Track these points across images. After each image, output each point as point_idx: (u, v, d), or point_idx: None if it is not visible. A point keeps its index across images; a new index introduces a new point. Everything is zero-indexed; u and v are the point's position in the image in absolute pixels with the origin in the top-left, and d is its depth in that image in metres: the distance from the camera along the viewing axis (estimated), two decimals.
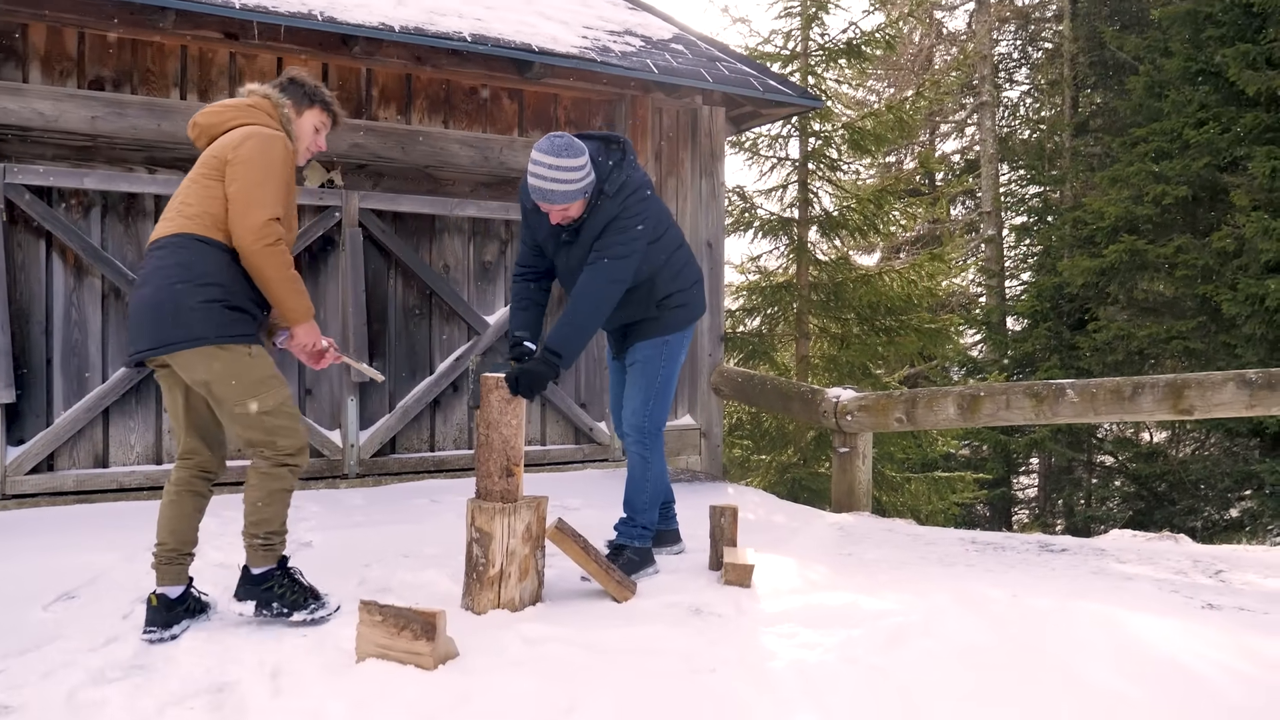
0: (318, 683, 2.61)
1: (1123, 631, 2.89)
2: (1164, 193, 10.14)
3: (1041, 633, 2.89)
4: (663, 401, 3.69)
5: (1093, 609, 3.06)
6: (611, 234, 3.37)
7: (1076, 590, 3.36)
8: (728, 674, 2.62)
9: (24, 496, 4.61)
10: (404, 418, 5.42)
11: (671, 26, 6.33)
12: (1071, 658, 2.73)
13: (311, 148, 3.30)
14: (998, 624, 2.95)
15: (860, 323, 8.21)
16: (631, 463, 3.73)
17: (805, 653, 2.77)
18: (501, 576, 3.16)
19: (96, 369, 4.82)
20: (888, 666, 2.67)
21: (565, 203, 3.33)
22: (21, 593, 3.41)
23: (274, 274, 2.98)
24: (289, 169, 3.05)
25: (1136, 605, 3.15)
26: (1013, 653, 2.74)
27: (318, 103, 3.25)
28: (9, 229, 4.60)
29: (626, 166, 3.45)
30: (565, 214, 3.39)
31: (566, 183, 3.27)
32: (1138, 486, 11.69)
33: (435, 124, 5.55)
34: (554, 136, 3.31)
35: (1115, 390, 4.40)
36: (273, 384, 3.04)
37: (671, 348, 3.67)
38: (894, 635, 2.86)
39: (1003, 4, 14.80)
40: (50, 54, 4.70)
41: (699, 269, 3.83)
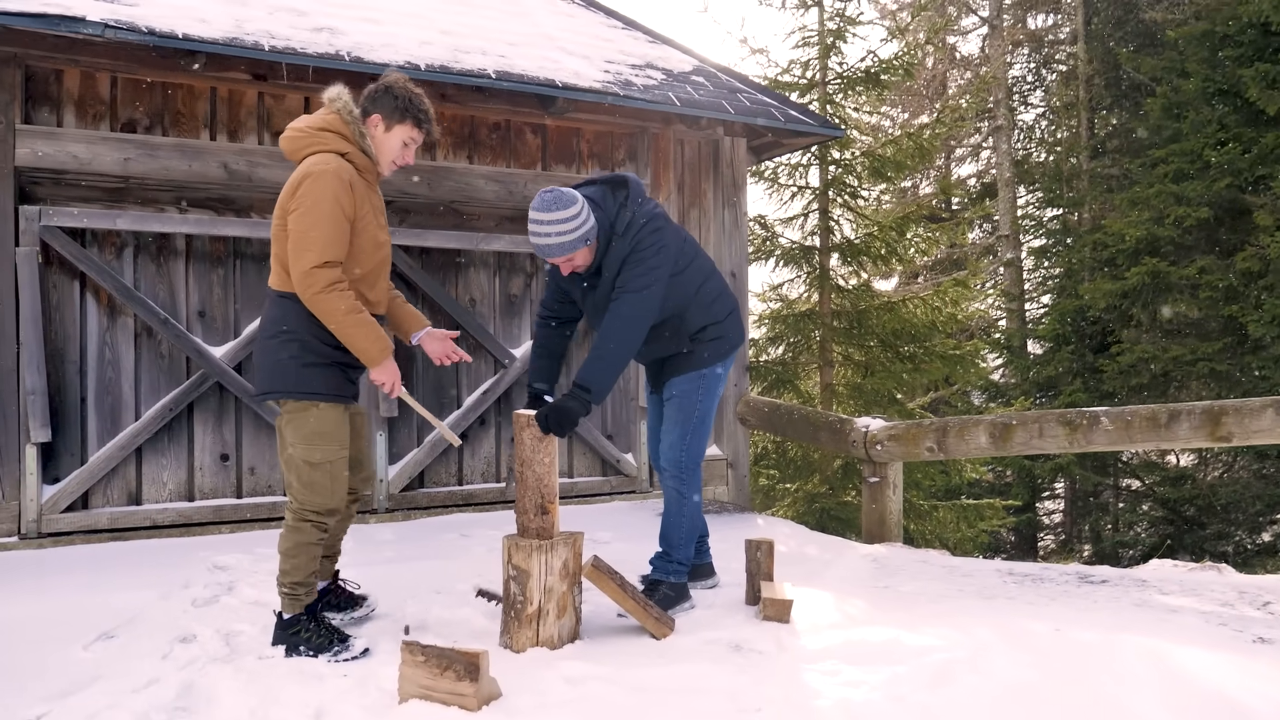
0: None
1: (1171, 666, 2.86)
2: (1185, 214, 10.09)
3: (1088, 667, 2.85)
4: (700, 437, 3.67)
5: (1139, 642, 3.03)
6: (629, 268, 3.37)
7: (1121, 623, 3.31)
8: (775, 714, 2.60)
9: (59, 535, 4.63)
10: (432, 452, 5.43)
11: (692, 59, 6.38)
12: (1120, 693, 2.69)
13: (398, 161, 3.21)
14: (1043, 659, 2.92)
15: (884, 349, 8.18)
16: (668, 498, 3.72)
17: (851, 691, 2.75)
18: (540, 614, 3.14)
19: (129, 407, 4.86)
20: (935, 705, 2.64)
21: (566, 254, 3.34)
22: (62, 633, 3.42)
23: (331, 320, 3.03)
24: (341, 201, 2.99)
25: (1184, 639, 3.10)
26: (1060, 689, 2.71)
27: (410, 117, 3.15)
28: (45, 270, 4.66)
29: (632, 204, 3.45)
30: (572, 263, 3.40)
31: (561, 234, 3.28)
32: (1166, 511, 11.55)
33: (460, 160, 5.60)
34: (544, 193, 3.32)
35: (1151, 417, 4.36)
36: (326, 441, 3.11)
37: (709, 382, 3.66)
38: (939, 673, 2.83)
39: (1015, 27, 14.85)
40: (84, 98, 4.78)
41: (733, 298, 3.81)
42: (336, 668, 3.05)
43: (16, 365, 4.55)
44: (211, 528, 4.93)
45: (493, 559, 4.45)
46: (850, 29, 8.22)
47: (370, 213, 3.13)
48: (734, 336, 3.75)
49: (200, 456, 5.00)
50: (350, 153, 3.10)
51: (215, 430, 5.04)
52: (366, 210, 3.11)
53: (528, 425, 3.19)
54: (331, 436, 3.12)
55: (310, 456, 3.10)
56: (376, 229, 3.16)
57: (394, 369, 3.20)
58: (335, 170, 3.01)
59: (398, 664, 2.81)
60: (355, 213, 3.06)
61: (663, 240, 3.42)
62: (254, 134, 5.10)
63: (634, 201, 3.46)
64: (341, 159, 3.06)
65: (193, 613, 3.69)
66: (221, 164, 4.91)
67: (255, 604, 3.80)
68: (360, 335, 3.05)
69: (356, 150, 3.12)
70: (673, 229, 3.55)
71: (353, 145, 3.11)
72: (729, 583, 4.06)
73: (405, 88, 3.17)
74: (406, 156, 3.23)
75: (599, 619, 3.48)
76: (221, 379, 4.95)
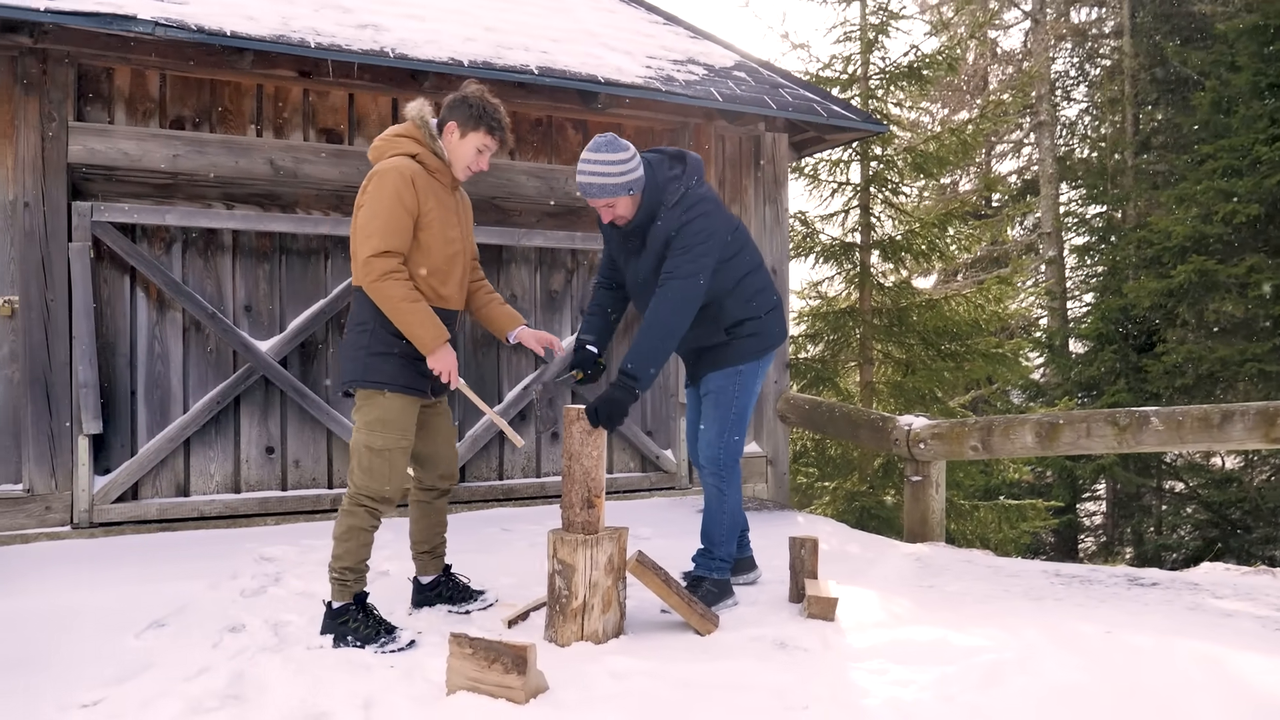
0: (410, 715, 2.62)
1: (1228, 671, 2.79)
2: (1234, 211, 9.88)
3: (1142, 671, 2.80)
4: (738, 433, 3.65)
5: (1194, 647, 2.96)
6: (675, 255, 3.37)
7: (1174, 627, 3.25)
8: (822, 712, 2.58)
9: (110, 525, 4.72)
10: (473, 446, 5.46)
11: (733, 54, 6.35)
12: (1177, 698, 2.64)
13: (473, 167, 3.33)
14: (1095, 662, 2.87)
15: (925, 347, 8.09)
16: (708, 495, 3.70)
17: (899, 690, 2.72)
18: (585, 609, 3.15)
19: (178, 400, 4.94)
20: (986, 706, 2.60)
21: (607, 197, 3.37)
22: (114, 621, 3.49)
23: (387, 306, 3.15)
24: (402, 196, 3.11)
25: (1240, 644, 3.03)
26: (1115, 693, 2.66)
27: (483, 125, 3.26)
28: (96, 265, 4.75)
29: (686, 180, 3.45)
30: (613, 211, 3.43)
31: (605, 176, 3.33)
32: (1211, 514, 11.32)
33: (501, 155, 5.62)
34: (599, 136, 3.41)
35: (1203, 418, 4.27)
36: (387, 429, 3.23)
37: (745, 378, 3.63)
38: (989, 673, 2.79)
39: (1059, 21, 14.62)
40: (134, 95, 4.86)
41: (777, 296, 3.78)
42: (384, 659, 3.08)
43: (69, 358, 4.64)
44: (257, 519, 5.00)
45: (534, 554, 4.47)
46: (892, 23, 8.14)
47: (438, 210, 3.23)
48: (773, 335, 3.71)
49: (246, 449, 5.07)
50: (420, 154, 3.24)
51: (261, 423, 5.10)
52: (433, 207, 3.21)
53: (577, 419, 3.19)
54: (394, 425, 3.22)
55: (372, 442, 3.21)
56: (445, 227, 3.26)
57: (450, 357, 3.25)
58: (398, 167, 3.15)
59: (444, 656, 2.84)
60: (419, 209, 3.17)
61: (711, 227, 3.41)
62: (299, 130, 5.16)
63: (688, 178, 3.46)
64: (410, 159, 3.21)
65: (241, 603, 3.74)
66: (267, 160, 4.97)
67: (302, 595, 3.85)
68: (415, 322, 3.14)
69: (427, 152, 3.25)
70: (723, 216, 3.52)
71: (423, 147, 3.25)
72: (770, 580, 4.04)
73: (480, 97, 3.28)
74: (481, 162, 3.34)
75: (642, 614, 3.48)
76: (267, 373, 5.01)
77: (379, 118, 5.32)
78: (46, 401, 4.61)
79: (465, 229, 3.42)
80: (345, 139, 5.25)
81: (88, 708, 2.78)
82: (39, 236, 4.59)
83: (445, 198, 3.30)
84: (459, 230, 3.34)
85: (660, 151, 3.57)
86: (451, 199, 3.34)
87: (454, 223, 3.31)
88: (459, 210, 3.38)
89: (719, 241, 3.44)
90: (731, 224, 3.58)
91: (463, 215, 3.42)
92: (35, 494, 4.60)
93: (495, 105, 3.30)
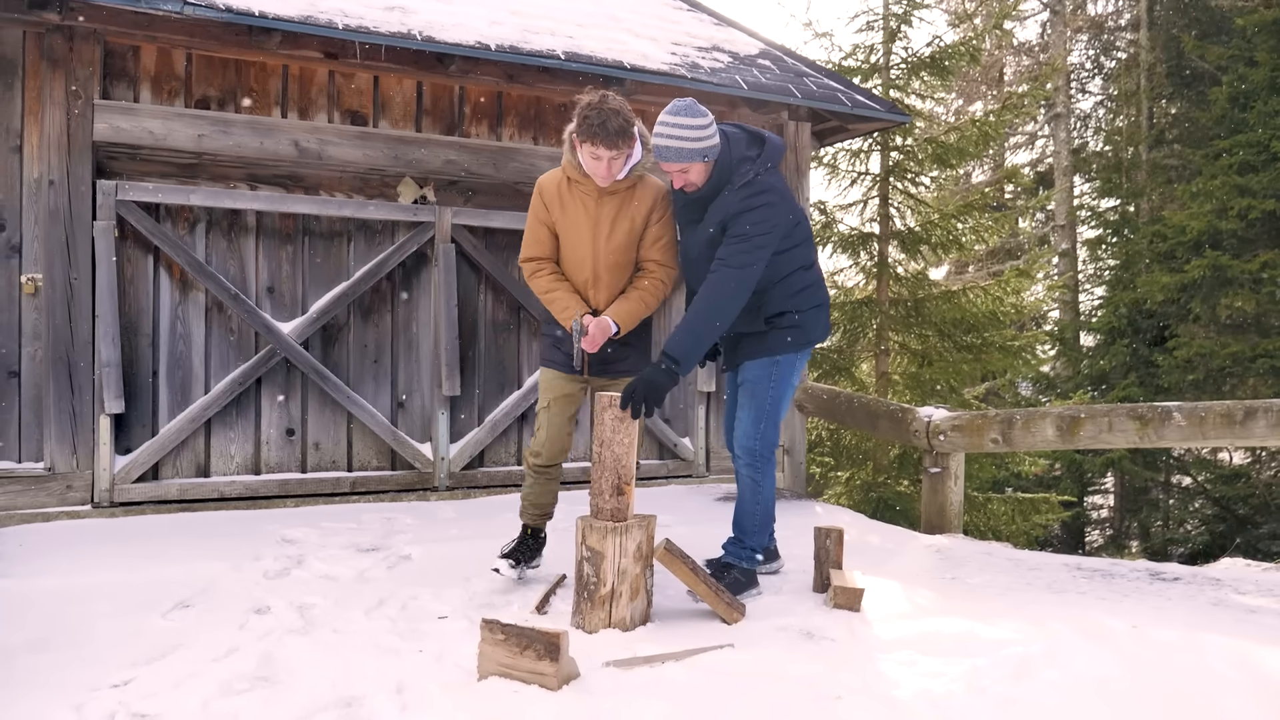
0: (443, 699, 2.62)
1: (1259, 667, 2.80)
2: (1249, 206, 9.85)
3: (1172, 666, 2.80)
4: (773, 424, 3.65)
5: (1223, 643, 2.97)
6: (733, 240, 3.35)
7: (1199, 623, 3.25)
8: (856, 702, 2.58)
9: (131, 504, 4.73)
10: (492, 431, 5.46)
11: (758, 42, 6.32)
12: (1209, 693, 2.64)
13: (600, 173, 3.40)
14: (1124, 656, 2.87)
15: (941, 339, 8.07)
16: (741, 485, 3.70)
17: (930, 682, 2.72)
18: (613, 596, 3.15)
19: (200, 380, 4.94)
20: (1018, 698, 2.61)
21: (682, 161, 3.36)
22: (140, 600, 3.49)
23: (538, 297, 3.66)
24: (535, 209, 3.57)
25: (1268, 640, 3.04)
26: (1147, 687, 2.66)
27: (584, 134, 3.33)
28: (120, 244, 4.74)
29: (759, 164, 3.42)
30: (686, 177, 3.42)
31: (681, 140, 3.32)
32: (1218, 509, 11.33)
33: (525, 141, 5.61)
34: (678, 100, 3.41)
35: (1226, 414, 4.26)
36: (543, 394, 3.75)
37: (782, 369, 3.63)
38: (1019, 666, 2.80)
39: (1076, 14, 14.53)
40: (160, 74, 4.85)
41: (824, 295, 3.74)
42: (412, 643, 3.09)
43: (92, 337, 4.64)
44: (277, 501, 5.01)
45: (554, 539, 4.47)
46: (915, 13, 8.09)
47: (567, 217, 3.52)
48: (813, 330, 3.69)
49: (267, 431, 5.08)
50: (566, 164, 3.51)
51: (282, 405, 5.11)
52: (560, 215, 3.54)
53: (609, 406, 3.19)
54: (543, 390, 3.74)
55: (538, 406, 3.78)
56: (575, 231, 3.52)
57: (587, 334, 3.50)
58: (539, 183, 3.60)
59: (474, 641, 2.85)
60: (550, 217, 3.56)
61: (774, 218, 3.39)
62: (324, 112, 5.15)
63: (762, 163, 3.44)
64: (559, 170, 3.55)
65: (265, 584, 3.76)
66: (292, 141, 4.95)
67: (325, 577, 3.86)
68: (553, 310, 3.60)
69: (570, 164, 3.49)
70: (786, 207, 3.49)
71: (569, 158, 3.50)
72: (794, 569, 4.04)
73: (585, 106, 3.34)
74: (598, 169, 3.39)
75: (668, 602, 3.49)
76: (289, 355, 5.02)
77: (403, 100, 5.31)
78: (69, 380, 4.62)
79: (613, 232, 3.51)
80: (370, 121, 5.23)
81: (118, 688, 2.78)
82: (63, 215, 4.59)
83: (586, 204, 3.49)
84: (590, 234, 3.51)
85: (741, 128, 3.56)
86: (596, 205, 3.49)
87: (585, 228, 3.51)
88: (601, 215, 3.50)
89: (777, 235, 3.42)
90: (794, 218, 3.55)
91: (616, 219, 3.50)
92: (56, 473, 4.61)
93: (596, 113, 3.30)
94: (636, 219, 3.53)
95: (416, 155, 5.21)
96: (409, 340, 5.40)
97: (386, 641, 3.11)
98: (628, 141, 3.33)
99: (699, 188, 3.46)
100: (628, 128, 3.32)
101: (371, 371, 5.32)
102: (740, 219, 3.36)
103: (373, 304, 5.31)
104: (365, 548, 4.29)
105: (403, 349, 5.39)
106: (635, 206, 3.52)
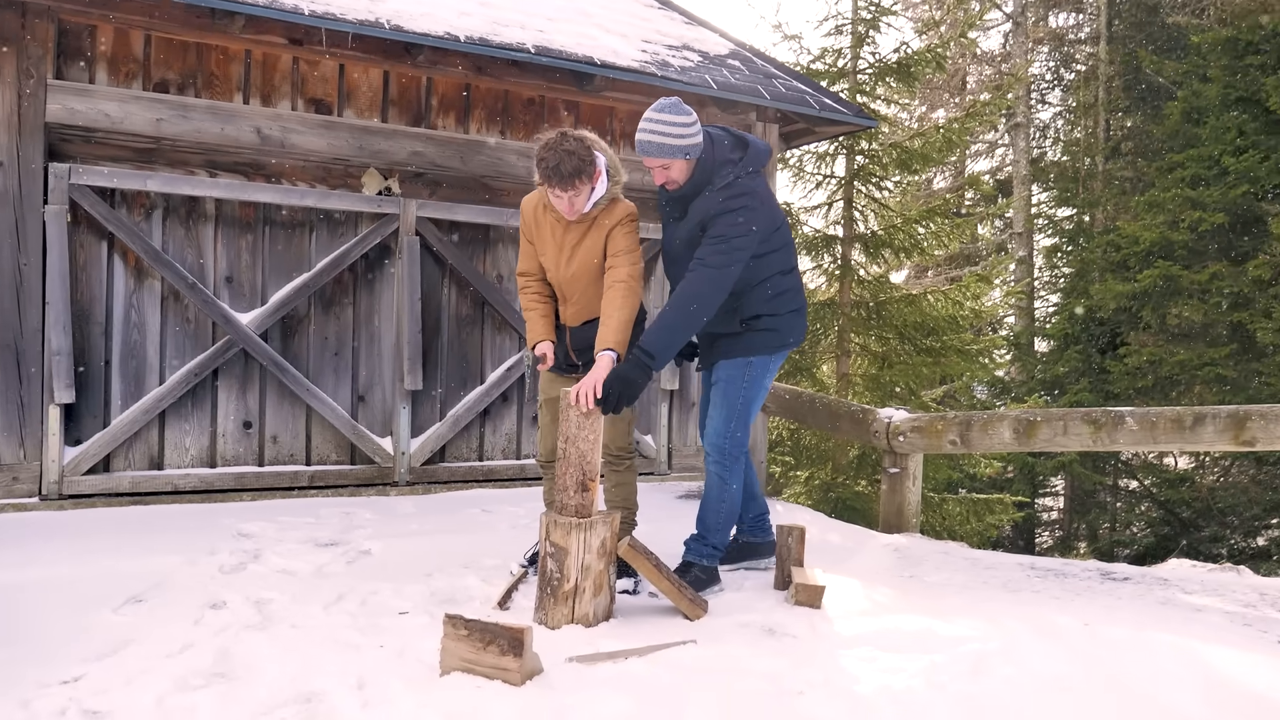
0: (406, 695, 2.59)
1: (1205, 664, 2.87)
2: (1200, 219, 10.10)
3: (1123, 663, 2.86)
4: (743, 424, 3.66)
5: (1171, 640, 3.04)
6: (711, 240, 3.37)
7: (1148, 621, 3.32)
8: (818, 697, 2.60)
9: (80, 497, 4.62)
10: (454, 426, 5.42)
11: (728, 42, 6.34)
12: (1159, 689, 2.70)
13: (563, 209, 3.42)
14: (1077, 654, 2.93)
15: (902, 341, 8.17)
16: (709, 481, 3.71)
17: (890, 678, 2.75)
18: (576, 592, 3.14)
19: (154, 371, 4.84)
20: (976, 694, 2.65)
21: (664, 157, 3.38)
22: (90, 595, 3.41)
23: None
24: (522, 227, 3.68)
25: (1214, 638, 3.11)
26: (1100, 683, 2.72)
27: (542, 176, 3.35)
28: (73, 230, 4.62)
29: (742, 166, 3.45)
30: (667, 173, 3.45)
31: (665, 136, 3.35)
32: (1163, 512, 11.60)
33: (492, 134, 5.57)
34: (664, 98, 3.44)
35: (1176, 419, 4.36)
36: (541, 393, 3.83)
37: (755, 370, 3.64)
38: (977, 663, 2.84)
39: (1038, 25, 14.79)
40: (117, 56, 4.73)
41: (803, 299, 3.77)
42: (373, 638, 3.05)
43: (42, 325, 4.52)
44: (233, 495, 4.92)
45: (515, 535, 4.46)
46: (883, 18, 8.17)
47: (543, 240, 3.60)
48: (789, 334, 3.72)
49: (223, 423, 4.99)
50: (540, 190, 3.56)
51: (239, 398, 5.02)
52: (536, 237, 3.63)
53: (575, 403, 3.17)
54: (542, 390, 3.81)
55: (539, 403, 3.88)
56: (548, 254, 3.60)
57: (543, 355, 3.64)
58: (522, 202, 3.69)
59: (434, 636, 2.82)
60: (530, 235, 3.65)
61: (752, 221, 3.40)
62: (287, 99, 5.06)
63: (743, 166, 3.45)
64: (539, 191, 3.57)
65: (221, 579, 3.69)
66: (254, 128, 4.87)
67: (283, 572, 3.80)
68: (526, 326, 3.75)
69: (541, 190, 3.55)
70: (766, 212, 3.51)
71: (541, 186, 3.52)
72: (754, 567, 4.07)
73: (542, 147, 3.36)
74: (560, 205, 3.42)
75: (629, 599, 3.49)
76: (247, 346, 4.93)
77: (369, 89, 5.24)
78: (16, 369, 4.49)
79: (574, 257, 3.54)
80: (334, 110, 5.16)
81: (69, 684, 2.71)
82: (13, 197, 4.46)
83: (555, 230, 3.55)
84: (554, 258, 3.57)
85: (727, 130, 3.58)
86: (563, 232, 3.53)
87: (552, 251, 3.57)
88: (565, 241, 3.54)
89: (755, 238, 3.43)
90: (775, 222, 3.58)
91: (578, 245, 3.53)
92: (2, 464, 4.48)
93: (551, 154, 3.32)
94: (598, 244, 3.51)
95: (382, 146, 5.15)
96: (371, 333, 5.34)
97: (346, 637, 3.07)
98: (585, 180, 3.34)
99: (680, 185, 3.48)
100: (584, 167, 3.31)
101: (332, 364, 5.25)
102: (719, 220, 3.37)
103: (334, 296, 5.24)
104: (324, 542, 4.23)
105: (364, 342, 5.33)
106: (596, 234, 3.51)
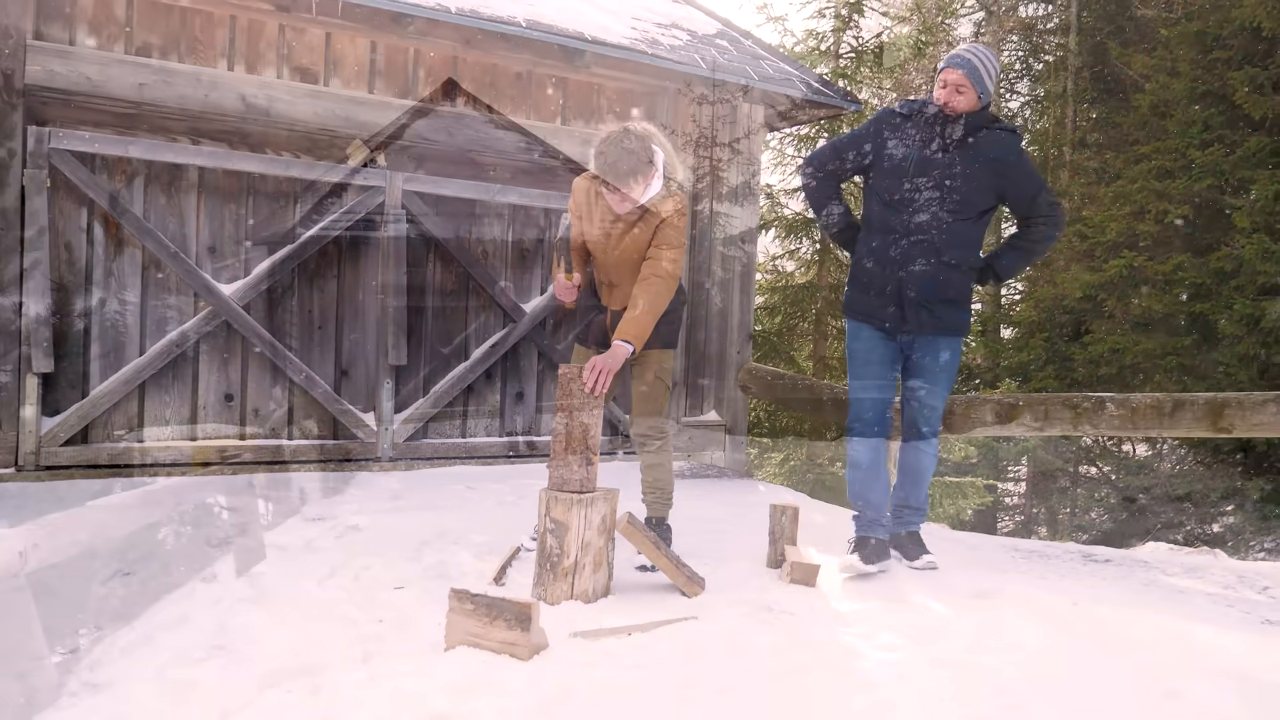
0: (411, 668, 2.59)
1: (1192, 642, 2.95)
2: (1165, 210, 10.29)
3: (1115, 640, 2.94)
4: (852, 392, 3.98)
5: (1157, 620, 3.12)
6: (1044, 192, 3.68)
7: (1133, 600, 3.42)
8: (822, 674, 2.63)
9: (58, 468, 4.52)
10: (438, 403, 5.38)
11: (715, 22, 6.33)
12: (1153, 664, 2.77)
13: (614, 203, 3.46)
14: (1069, 631, 3.00)
15: None
16: (926, 463, 3.96)
17: (890, 654, 2.80)
18: (576, 568, 3.15)
19: (134, 342, 4.74)
20: (976, 669, 2.70)
21: (970, 81, 3.49)
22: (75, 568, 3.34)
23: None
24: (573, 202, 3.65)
25: (1197, 617, 3.21)
26: (1095, 659, 2.78)
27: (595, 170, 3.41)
28: (52, 195, 4.50)
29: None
30: (959, 96, 3.53)
31: (981, 63, 3.53)
32: (1122, 499, 11.88)
33: (480, 108, 5.51)
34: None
35: (1155, 406, 4.47)
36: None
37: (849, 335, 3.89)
38: (972, 640, 2.89)
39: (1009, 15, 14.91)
40: (99, 17, 4.60)
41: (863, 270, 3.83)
42: (370, 612, 3.04)
43: (20, 292, 4.40)
44: (214, 468, 4.85)
45: (503, 512, 4.45)
46: (866, 3, 8.20)
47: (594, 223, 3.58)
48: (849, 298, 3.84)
49: (204, 395, 4.90)
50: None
51: (221, 370, 4.94)
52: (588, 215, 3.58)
53: (576, 377, 3.17)
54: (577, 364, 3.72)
55: None
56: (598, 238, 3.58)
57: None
58: (575, 181, 3.67)
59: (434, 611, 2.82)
60: (580, 212, 3.61)
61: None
62: (273, 67, 4.96)
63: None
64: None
65: (209, 553, 3.65)
66: (239, 96, 4.77)
67: (272, 546, 3.76)
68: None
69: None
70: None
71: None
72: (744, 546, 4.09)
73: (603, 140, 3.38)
74: (612, 200, 3.46)
75: (625, 575, 3.50)
76: (230, 318, 4.85)
77: (356, 59, 5.15)
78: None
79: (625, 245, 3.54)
80: (321, 79, 5.07)
81: (65, 657, 2.68)
82: None
83: (605, 217, 3.55)
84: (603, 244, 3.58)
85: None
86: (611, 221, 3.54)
87: (600, 237, 3.58)
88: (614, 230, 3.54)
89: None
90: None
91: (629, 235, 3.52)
92: None
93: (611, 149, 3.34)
94: (645, 236, 3.52)
95: (368, 117, 5.07)
96: (355, 307, 5.27)
97: (344, 611, 3.05)
98: (639, 179, 3.35)
99: (958, 113, 3.53)
100: (640, 168, 3.32)
101: (316, 338, 5.18)
102: (1030, 173, 3.66)
103: (319, 268, 5.16)
104: (311, 517, 4.20)
105: (348, 316, 5.26)
106: (645, 225, 3.51)
